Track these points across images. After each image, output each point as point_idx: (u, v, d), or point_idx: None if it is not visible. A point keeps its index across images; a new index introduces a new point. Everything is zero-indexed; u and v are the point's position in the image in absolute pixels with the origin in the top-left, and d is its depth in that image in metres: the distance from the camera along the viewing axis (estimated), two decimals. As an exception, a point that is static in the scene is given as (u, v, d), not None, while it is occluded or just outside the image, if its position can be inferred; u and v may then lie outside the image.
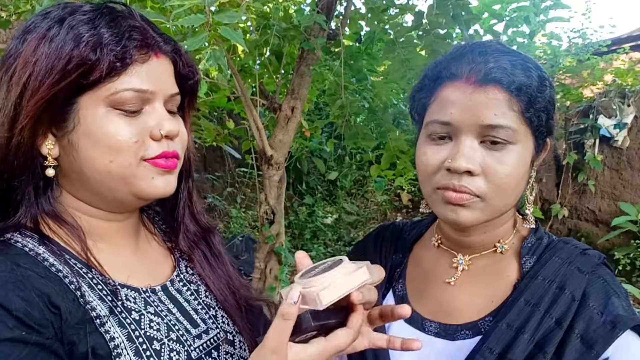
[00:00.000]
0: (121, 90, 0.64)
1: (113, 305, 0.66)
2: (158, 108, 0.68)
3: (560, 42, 5.38)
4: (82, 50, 0.62)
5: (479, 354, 0.71)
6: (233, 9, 1.37)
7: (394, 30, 2.44)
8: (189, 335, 0.73)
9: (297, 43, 2.61)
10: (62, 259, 0.65)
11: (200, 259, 0.83)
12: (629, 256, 4.42)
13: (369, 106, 2.89)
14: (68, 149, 0.66)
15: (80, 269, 0.66)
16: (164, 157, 0.69)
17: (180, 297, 0.77)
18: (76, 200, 0.70)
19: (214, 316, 0.79)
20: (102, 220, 0.72)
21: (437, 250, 0.87)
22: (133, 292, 0.71)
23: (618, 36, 7.60)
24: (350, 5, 2.66)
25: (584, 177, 4.90)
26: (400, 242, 0.94)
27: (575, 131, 4.87)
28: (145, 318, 0.69)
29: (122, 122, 0.65)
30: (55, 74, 0.62)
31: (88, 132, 0.65)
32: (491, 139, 0.70)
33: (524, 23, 2.76)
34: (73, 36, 0.62)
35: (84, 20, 0.64)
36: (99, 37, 0.63)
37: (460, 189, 0.70)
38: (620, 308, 0.68)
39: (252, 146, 3.05)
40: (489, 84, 0.69)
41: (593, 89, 5.29)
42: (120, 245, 0.74)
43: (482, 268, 0.80)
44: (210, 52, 1.24)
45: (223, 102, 2.96)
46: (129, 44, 0.64)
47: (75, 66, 0.62)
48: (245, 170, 5.67)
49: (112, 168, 0.66)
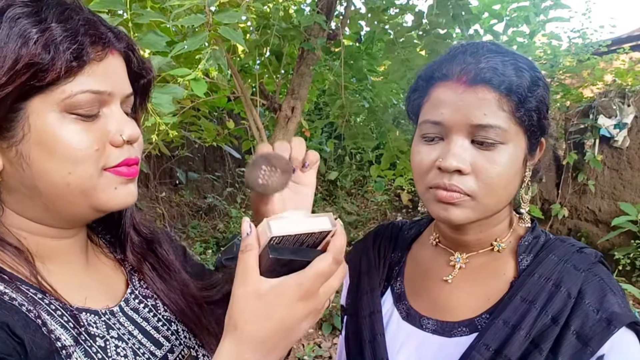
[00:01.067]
0: (77, 92, 0.57)
1: (76, 333, 0.60)
2: (116, 111, 0.62)
3: (560, 42, 5.39)
4: (31, 49, 0.53)
5: (475, 350, 0.71)
6: (233, 8, 1.37)
7: (394, 30, 2.44)
8: (155, 358, 0.69)
9: (297, 43, 2.61)
10: (13, 285, 0.57)
11: (149, 272, 0.77)
12: (629, 256, 4.41)
13: (369, 106, 2.89)
14: (16, 161, 0.58)
15: (35, 294, 0.59)
16: (126, 164, 0.63)
17: (137, 316, 0.71)
18: (21, 219, 0.62)
19: (176, 331, 0.75)
20: (50, 239, 0.65)
21: (435, 248, 0.88)
22: (93, 315, 0.65)
23: (618, 36, 7.60)
24: (350, 5, 2.66)
25: (584, 177, 4.89)
26: (399, 240, 0.95)
27: (575, 131, 4.87)
28: (110, 344, 0.64)
29: (79, 128, 0.58)
30: (1, 76, 0.53)
31: (41, 142, 0.57)
32: (481, 139, 0.70)
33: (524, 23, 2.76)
34: (18, 32, 0.54)
35: (27, 12, 0.55)
36: (50, 32, 0.55)
37: (451, 187, 0.71)
38: (616, 305, 0.68)
39: (252, 146, 3.05)
40: (479, 84, 0.70)
41: (593, 89, 5.28)
42: (71, 264, 0.68)
43: (479, 266, 0.81)
44: (210, 52, 1.24)
45: (223, 102, 2.97)
46: (85, 41, 0.57)
47: (24, 67, 0.53)
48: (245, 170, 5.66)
49: (70, 180, 0.59)
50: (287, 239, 0.56)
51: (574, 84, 5.45)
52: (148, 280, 0.76)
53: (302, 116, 2.73)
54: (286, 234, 0.55)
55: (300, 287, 0.54)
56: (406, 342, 0.81)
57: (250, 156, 3.34)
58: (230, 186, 6.24)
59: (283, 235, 0.55)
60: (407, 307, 0.84)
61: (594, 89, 5.25)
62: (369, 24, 2.70)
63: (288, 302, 0.54)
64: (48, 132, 0.57)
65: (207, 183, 6.08)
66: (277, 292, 0.54)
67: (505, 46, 0.77)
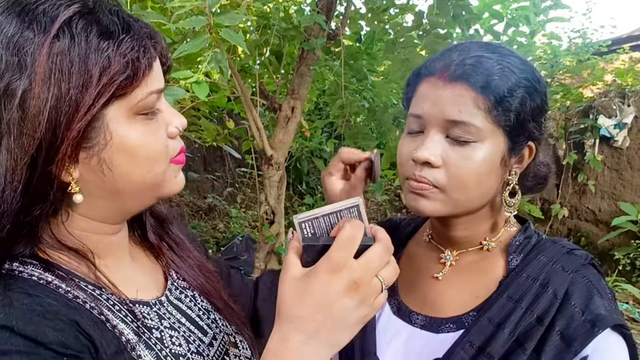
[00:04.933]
0: (147, 95, 0.58)
1: (136, 327, 0.62)
2: (164, 104, 0.64)
3: (560, 42, 5.40)
4: (113, 63, 0.54)
5: (460, 346, 0.72)
6: (233, 9, 1.37)
7: (394, 30, 2.45)
8: (204, 344, 0.71)
9: (297, 43, 2.61)
10: (73, 283, 0.59)
11: (168, 252, 0.78)
12: (629, 256, 4.41)
13: (369, 106, 2.89)
14: (98, 168, 0.58)
15: (93, 291, 0.61)
16: (182, 152, 0.66)
17: (182, 305, 0.74)
18: (87, 221, 0.63)
19: (215, 320, 0.77)
20: (108, 235, 0.66)
21: (428, 245, 0.89)
22: (145, 307, 0.67)
23: (618, 36, 7.60)
24: (350, 5, 2.66)
25: (584, 177, 4.89)
26: (395, 237, 0.97)
27: (575, 131, 4.87)
28: (165, 334, 0.66)
29: (150, 128, 0.60)
30: (89, 92, 0.53)
31: (123, 147, 0.58)
32: (455, 135, 0.72)
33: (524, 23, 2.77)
34: (95, 46, 0.54)
35: (90, 21, 0.55)
36: (124, 44, 0.55)
37: (420, 178, 0.73)
38: (602, 308, 0.68)
39: (252, 146, 3.05)
40: (458, 80, 0.71)
41: (593, 89, 5.28)
42: (121, 257, 0.70)
43: (469, 264, 0.82)
44: (211, 55, 1.24)
45: (223, 102, 2.97)
46: (148, 45, 0.58)
47: (109, 81, 0.54)
48: (245, 170, 5.67)
49: (148, 178, 0.61)
50: (315, 224, 0.59)
51: (574, 84, 5.44)
52: (167, 260, 0.78)
53: (302, 116, 2.73)
54: (310, 216, 0.59)
55: (329, 260, 0.55)
56: (395, 337, 0.82)
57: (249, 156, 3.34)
58: (230, 186, 6.24)
59: (307, 218, 0.59)
60: (399, 302, 0.86)
61: (594, 89, 5.25)
62: (369, 24, 2.70)
63: (320, 277, 0.55)
64: (128, 137, 0.58)
65: (207, 183, 6.09)
66: (310, 272, 0.56)
67: (502, 46, 0.77)
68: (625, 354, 0.68)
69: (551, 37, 4.94)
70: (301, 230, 0.60)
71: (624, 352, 0.68)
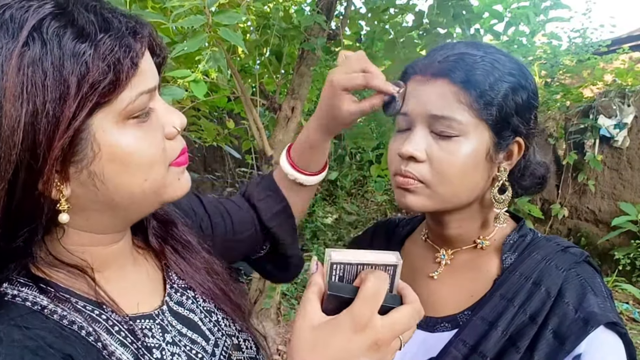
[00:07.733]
0: (135, 97, 0.53)
1: (135, 348, 0.58)
2: (160, 102, 0.59)
3: (560, 42, 5.39)
4: (91, 68, 0.48)
5: (453, 345, 0.73)
6: (233, 9, 1.37)
7: (394, 30, 2.45)
8: (207, 354, 0.67)
9: (297, 43, 2.61)
10: (70, 306, 0.55)
11: (172, 256, 0.74)
12: (629, 256, 4.40)
13: (369, 106, 2.88)
14: (89, 182, 0.53)
15: (92, 311, 0.57)
16: (183, 153, 0.62)
17: (183, 309, 0.70)
18: (84, 234, 0.59)
19: (217, 322, 0.74)
20: (108, 246, 0.62)
21: (424, 244, 0.89)
22: (147, 321, 0.63)
23: (618, 36, 7.60)
24: (350, 5, 2.66)
25: (584, 177, 4.89)
26: (393, 237, 0.98)
27: (575, 131, 4.86)
28: (166, 353, 0.62)
29: (142, 132, 0.55)
30: (69, 105, 0.47)
31: (114, 157, 0.53)
32: (438, 129, 0.73)
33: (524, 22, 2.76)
34: (69, 51, 0.48)
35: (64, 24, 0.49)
36: (103, 44, 0.49)
37: (405, 173, 0.74)
38: (595, 305, 0.68)
39: (252, 146, 3.05)
40: (440, 76, 0.73)
41: (593, 89, 5.27)
42: (123, 265, 0.66)
43: (464, 263, 0.82)
44: (210, 54, 1.24)
45: (223, 102, 2.96)
46: (131, 42, 0.52)
47: (90, 89, 0.48)
48: (245, 170, 5.66)
49: (146, 187, 0.57)
50: (347, 269, 0.56)
51: (574, 84, 5.44)
52: (171, 263, 0.74)
53: (302, 116, 2.72)
54: (346, 261, 0.56)
55: (352, 316, 0.53)
56: None
57: (249, 156, 3.34)
58: (230, 186, 6.24)
59: (342, 262, 0.56)
60: None
61: (594, 89, 5.25)
62: (369, 24, 2.70)
63: (342, 332, 0.53)
64: (118, 146, 0.53)
65: (207, 183, 6.09)
66: (331, 324, 0.54)
67: (491, 45, 0.78)
68: (620, 352, 0.67)
69: (551, 37, 4.93)
70: (330, 271, 0.57)
71: (619, 350, 0.68)
